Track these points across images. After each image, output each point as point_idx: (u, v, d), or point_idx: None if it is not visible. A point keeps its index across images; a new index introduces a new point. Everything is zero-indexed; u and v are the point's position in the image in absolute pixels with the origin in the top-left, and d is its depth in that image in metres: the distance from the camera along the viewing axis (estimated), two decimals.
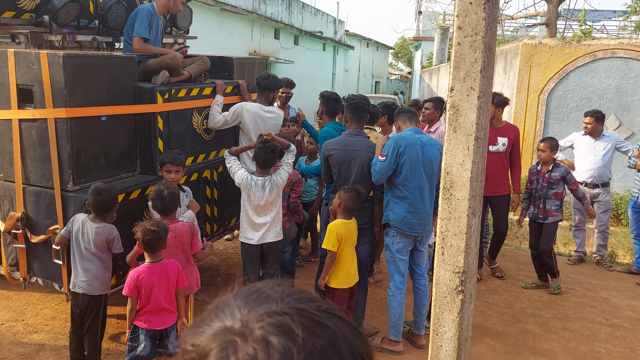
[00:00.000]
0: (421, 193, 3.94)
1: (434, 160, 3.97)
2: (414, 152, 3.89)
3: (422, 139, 3.99)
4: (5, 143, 3.74)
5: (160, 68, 4.26)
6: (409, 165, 3.89)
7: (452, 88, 1.82)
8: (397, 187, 3.96)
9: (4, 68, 3.59)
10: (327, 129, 4.89)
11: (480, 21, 1.70)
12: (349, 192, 3.86)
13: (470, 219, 1.86)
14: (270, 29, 18.24)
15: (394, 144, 3.89)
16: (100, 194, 3.39)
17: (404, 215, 3.94)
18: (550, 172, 5.20)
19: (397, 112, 4.33)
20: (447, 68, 14.95)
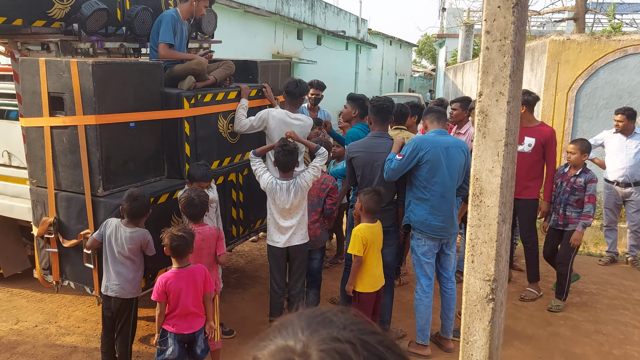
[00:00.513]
0: (443, 195, 3.89)
1: (458, 162, 3.92)
2: (436, 154, 3.85)
3: (447, 141, 3.94)
4: (37, 150, 3.83)
5: (186, 73, 4.31)
6: (430, 167, 3.85)
7: (481, 93, 1.79)
8: (418, 188, 3.94)
9: (35, 77, 3.68)
10: (354, 129, 4.89)
11: (509, 25, 1.67)
12: (369, 194, 3.84)
13: (501, 226, 1.83)
14: (293, 29, 18.28)
15: (414, 145, 3.87)
16: (135, 199, 3.45)
17: (426, 217, 3.91)
18: (576, 176, 4.80)
19: (426, 111, 4.30)
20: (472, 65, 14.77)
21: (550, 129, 5.07)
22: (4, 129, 4.53)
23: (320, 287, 4.59)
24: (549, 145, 4.96)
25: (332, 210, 4.40)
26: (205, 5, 4.75)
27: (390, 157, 3.92)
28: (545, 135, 4.97)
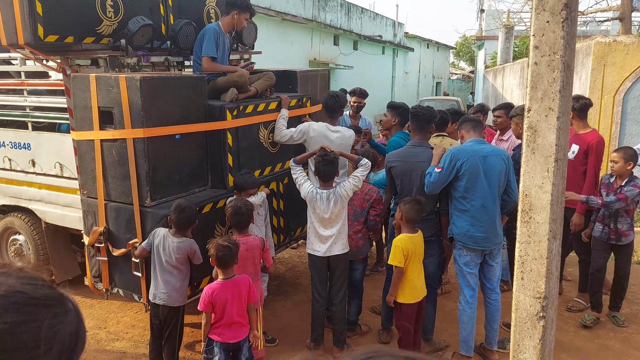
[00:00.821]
0: (484, 205, 3.83)
1: (497, 171, 3.84)
2: (474, 164, 3.80)
3: (484, 150, 3.88)
4: (88, 162, 3.98)
5: (229, 86, 4.40)
6: (468, 178, 3.81)
7: (530, 109, 1.77)
8: (458, 200, 3.90)
9: (86, 92, 3.83)
10: (395, 138, 4.87)
11: (559, 40, 1.65)
12: (409, 203, 3.82)
13: (551, 243, 1.80)
14: (329, 35, 18.36)
15: (451, 156, 3.83)
16: (183, 211, 3.55)
17: (467, 228, 3.86)
18: (622, 186, 4.47)
19: (461, 121, 4.26)
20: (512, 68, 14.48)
21: (595, 136, 4.78)
22: (56, 141, 4.72)
23: (362, 297, 4.59)
24: (591, 154, 4.70)
25: (375, 221, 4.38)
26: (246, 17, 4.84)
27: (430, 171, 3.90)
28: (591, 141, 4.72)
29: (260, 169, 4.73)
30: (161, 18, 4.76)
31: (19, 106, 4.90)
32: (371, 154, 4.57)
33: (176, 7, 4.92)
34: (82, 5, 4.08)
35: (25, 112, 4.87)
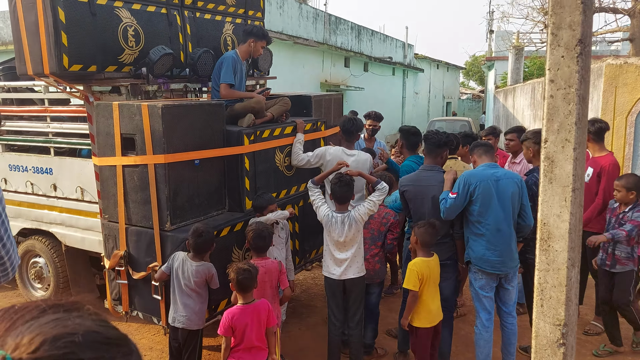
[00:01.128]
0: (498, 229, 3.85)
1: (511, 194, 3.87)
2: (486, 188, 3.84)
3: (497, 174, 3.91)
4: (110, 187, 4.08)
5: (246, 112, 4.51)
6: (482, 202, 3.85)
7: (546, 140, 1.83)
8: (473, 224, 3.93)
9: (109, 119, 3.95)
10: (407, 162, 4.93)
11: (574, 74, 1.71)
12: (423, 227, 3.86)
13: (570, 271, 1.84)
14: (340, 58, 18.59)
15: (465, 181, 3.88)
16: (200, 235, 3.61)
17: (483, 252, 3.89)
18: (625, 212, 4.40)
19: (473, 146, 4.31)
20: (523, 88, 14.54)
21: (610, 160, 4.79)
22: (78, 166, 4.85)
23: (378, 321, 4.61)
24: (603, 177, 4.71)
25: (393, 245, 4.42)
26: (262, 45, 4.97)
27: (444, 196, 3.94)
28: (605, 164, 4.74)
29: (276, 192, 4.80)
30: (180, 46, 4.91)
31: (42, 132, 5.05)
32: (387, 177, 4.62)
33: (194, 35, 5.07)
34: (105, 36, 4.23)
35: (48, 138, 5.01)
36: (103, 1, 4.20)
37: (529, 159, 4.66)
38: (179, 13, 4.89)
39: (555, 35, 1.74)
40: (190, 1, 5.00)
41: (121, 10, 4.33)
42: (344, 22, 18.70)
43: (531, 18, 13.50)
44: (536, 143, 4.23)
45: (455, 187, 3.90)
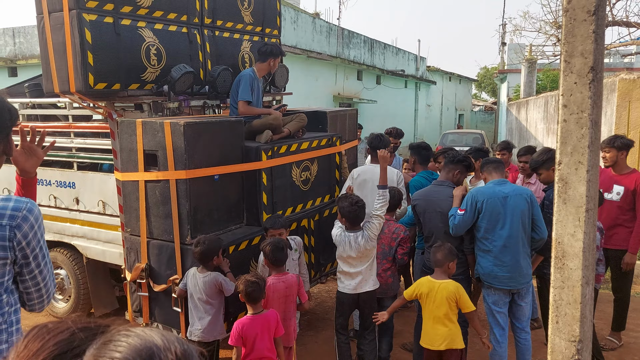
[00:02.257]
0: (505, 245, 3.88)
1: (519, 211, 3.88)
2: (493, 205, 3.89)
3: (504, 191, 3.95)
4: (132, 201, 4.20)
5: (264, 128, 4.62)
6: (488, 219, 3.89)
7: (560, 162, 1.90)
8: (481, 240, 3.99)
9: (132, 136, 4.08)
10: (417, 178, 5.03)
11: (586, 100, 1.79)
12: (434, 248, 3.86)
13: (584, 288, 1.90)
14: (353, 71, 18.74)
15: (472, 198, 3.94)
16: (201, 244, 3.71)
17: (491, 268, 3.93)
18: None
19: (483, 163, 4.37)
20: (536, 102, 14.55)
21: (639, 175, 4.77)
22: (100, 180, 4.98)
23: (392, 335, 4.65)
24: (639, 194, 4.69)
25: (404, 260, 4.47)
26: (279, 61, 5.12)
27: (453, 213, 4.00)
28: (635, 182, 4.71)
29: (292, 206, 4.90)
30: (200, 64, 5.05)
31: (66, 147, 5.19)
32: (396, 193, 4.67)
33: (214, 53, 5.22)
34: (128, 55, 4.38)
35: (71, 153, 5.15)
36: (127, 22, 4.36)
37: (542, 182, 4.67)
38: (199, 32, 5.04)
39: (568, 63, 1.82)
40: (209, 20, 5.15)
41: (144, 30, 4.49)
42: (357, 36, 18.88)
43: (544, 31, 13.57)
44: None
45: (464, 204, 3.96)
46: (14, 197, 1.72)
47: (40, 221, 1.74)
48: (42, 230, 1.76)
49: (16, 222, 1.65)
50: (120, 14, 4.30)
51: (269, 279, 3.73)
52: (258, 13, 5.75)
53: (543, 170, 4.42)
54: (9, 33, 14.70)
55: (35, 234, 1.71)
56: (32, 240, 1.70)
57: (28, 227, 1.68)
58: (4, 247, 1.65)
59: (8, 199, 1.69)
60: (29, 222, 1.68)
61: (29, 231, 1.68)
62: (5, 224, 1.64)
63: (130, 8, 4.36)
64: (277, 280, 3.72)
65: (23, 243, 1.67)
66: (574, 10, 1.76)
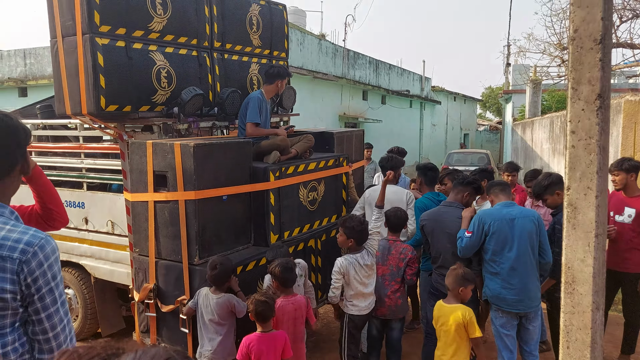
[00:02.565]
0: (514, 268, 3.87)
1: (527, 233, 3.88)
2: (501, 227, 3.89)
3: (512, 213, 3.96)
4: (141, 222, 4.23)
5: (272, 149, 4.67)
6: (496, 241, 3.90)
7: (569, 187, 1.92)
8: (488, 262, 3.99)
9: (143, 157, 4.13)
10: (422, 199, 5.05)
11: (594, 126, 1.82)
12: (449, 270, 3.84)
13: (595, 314, 1.91)
14: (358, 91, 18.88)
15: (479, 220, 3.95)
16: (215, 267, 3.73)
17: (499, 291, 3.92)
18: None
19: (489, 185, 4.39)
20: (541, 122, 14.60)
21: None
22: (109, 200, 5.02)
23: (400, 356, 4.62)
24: None
25: (413, 280, 4.47)
26: (287, 82, 5.21)
27: (460, 235, 4.01)
28: None
29: (299, 226, 4.92)
30: (209, 86, 5.13)
31: (76, 168, 5.25)
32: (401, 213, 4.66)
33: (223, 76, 5.30)
34: (140, 77, 4.46)
35: (81, 173, 5.21)
36: (139, 45, 4.44)
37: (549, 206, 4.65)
38: (208, 55, 5.13)
39: (575, 90, 1.85)
40: (219, 44, 5.25)
41: (155, 54, 4.57)
42: (362, 57, 19.06)
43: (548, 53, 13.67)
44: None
45: (471, 226, 3.98)
46: (31, 231, 1.65)
47: (52, 260, 1.65)
48: (53, 270, 1.66)
49: (26, 257, 1.59)
50: (132, 38, 4.38)
51: (278, 301, 3.73)
52: (266, 36, 5.85)
53: (547, 195, 4.42)
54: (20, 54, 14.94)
55: (44, 273, 1.62)
56: (40, 279, 1.61)
57: (36, 264, 1.60)
58: (13, 280, 1.59)
59: (25, 232, 1.64)
60: (37, 258, 1.61)
61: (36, 268, 1.60)
62: (16, 257, 1.58)
63: (142, 32, 4.45)
64: (286, 302, 3.72)
65: (29, 280, 1.59)
66: (581, 39, 1.80)
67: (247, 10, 5.58)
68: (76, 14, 4.11)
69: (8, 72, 15.04)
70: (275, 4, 6.04)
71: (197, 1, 4.93)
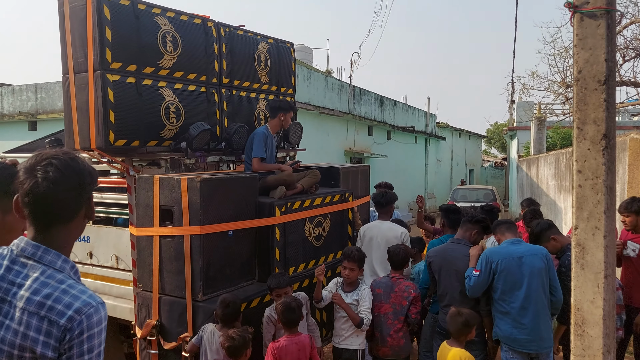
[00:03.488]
0: (524, 307, 3.80)
1: (536, 271, 3.83)
2: (509, 266, 3.85)
3: (519, 250, 3.92)
4: (146, 256, 4.22)
5: (278, 184, 4.68)
6: (504, 279, 3.84)
7: (577, 227, 1.91)
8: (498, 302, 3.92)
9: (149, 191, 4.14)
10: (435, 241, 5.05)
11: (600, 166, 1.82)
12: (450, 315, 3.79)
13: (606, 357, 1.86)
14: (364, 126, 19.04)
15: (487, 259, 3.91)
16: (227, 306, 3.68)
17: (510, 331, 3.84)
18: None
19: (495, 224, 4.36)
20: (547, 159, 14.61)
21: None
22: (115, 235, 5.02)
23: None
24: None
25: (417, 319, 4.38)
26: (291, 116, 5.26)
27: (469, 274, 3.97)
28: None
29: (304, 262, 4.88)
30: (217, 121, 5.19)
31: None
32: (402, 250, 4.62)
33: (230, 111, 5.37)
34: (149, 113, 4.52)
35: None
36: (149, 82, 4.52)
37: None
38: (216, 91, 5.21)
39: (580, 130, 1.87)
40: (227, 80, 5.33)
41: (164, 90, 4.64)
42: (368, 93, 19.29)
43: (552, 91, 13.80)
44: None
45: (479, 265, 3.93)
46: (84, 296, 1.55)
47: (94, 331, 1.54)
48: (92, 343, 1.54)
49: (71, 324, 1.50)
50: (142, 75, 4.47)
51: (281, 340, 3.68)
52: (274, 73, 5.95)
53: (544, 244, 4.36)
54: (31, 89, 15.21)
55: (82, 343, 1.51)
56: (75, 348, 1.50)
57: (77, 333, 1.50)
58: (55, 348, 1.50)
59: (78, 296, 1.54)
60: (81, 327, 1.51)
61: (76, 337, 1.50)
62: (62, 324, 1.49)
63: (152, 69, 4.54)
64: (289, 342, 3.66)
65: (66, 346, 1.50)
66: (585, 80, 1.82)
67: (256, 48, 5.70)
68: (89, 51, 4.20)
69: (19, 106, 15.30)
70: (283, 42, 6.16)
71: (206, 39, 5.03)
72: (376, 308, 4.38)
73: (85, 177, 1.63)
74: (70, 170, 1.59)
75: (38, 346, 1.49)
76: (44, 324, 1.50)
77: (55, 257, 1.58)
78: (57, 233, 1.61)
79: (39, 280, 1.54)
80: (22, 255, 1.58)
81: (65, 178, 1.57)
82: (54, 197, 1.56)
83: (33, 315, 1.50)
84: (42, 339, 1.49)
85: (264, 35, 5.88)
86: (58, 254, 1.59)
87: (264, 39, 5.83)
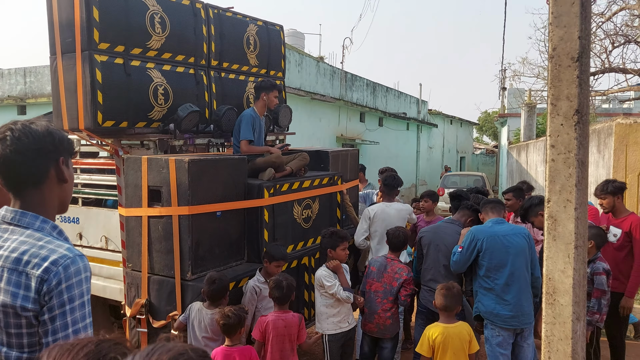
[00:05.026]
0: (507, 284, 3.91)
1: (520, 249, 3.94)
2: (493, 243, 3.95)
3: (503, 229, 4.03)
4: (135, 237, 4.25)
5: (267, 166, 4.72)
6: (489, 257, 3.94)
7: (549, 200, 1.98)
8: (483, 278, 4.02)
9: (138, 172, 4.17)
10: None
11: (572, 140, 1.88)
12: (440, 290, 3.83)
13: (575, 324, 1.94)
14: (356, 113, 19.05)
15: (471, 236, 4.02)
16: (213, 282, 3.73)
17: (493, 306, 3.94)
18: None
19: (482, 203, 4.48)
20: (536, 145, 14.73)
21: (635, 218, 4.75)
22: (104, 216, 5.05)
23: None
24: (634, 236, 4.66)
25: (407, 302, 4.42)
26: (275, 95, 5.21)
27: (454, 250, 4.10)
28: (630, 225, 4.70)
29: (293, 244, 4.94)
30: (206, 104, 5.20)
31: None
32: (402, 232, 4.67)
33: (219, 94, 5.38)
34: (137, 94, 4.52)
35: (77, 189, 5.24)
36: (137, 63, 4.52)
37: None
38: (205, 73, 5.21)
39: (554, 106, 1.92)
40: (216, 62, 5.34)
41: (153, 71, 4.65)
42: (360, 79, 19.28)
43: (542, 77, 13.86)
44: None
45: (463, 242, 4.04)
46: (62, 249, 1.56)
47: (73, 281, 1.55)
48: (72, 293, 1.55)
49: (48, 275, 1.52)
50: (130, 56, 4.47)
51: (270, 315, 3.74)
52: (263, 56, 5.95)
53: (532, 217, 4.46)
54: (20, 73, 15.07)
55: (61, 293, 1.53)
56: (54, 299, 1.52)
57: (55, 283, 1.52)
58: (35, 300, 1.52)
59: (55, 249, 1.56)
60: (58, 277, 1.53)
61: (54, 288, 1.52)
62: (38, 275, 1.52)
63: (140, 50, 4.54)
64: (277, 318, 3.72)
65: (46, 298, 1.52)
66: (559, 57, 1.87)
67: (245, 30, 5.69)
68: (76, 31, 4.19)
69: (8, 90, 15.16)
70: (272, 24, 6.16)
71: (195, 20, 5.03)
72: (368, 284, 4.47)
73: (45, 140, 1.65)
74: (28, 134, 1.62)
75: (18, 300, 1.53)
76: (22, 278, 1.54)
77: (32, 219, 1.62)
78: (30, 197, 1.65)
79: (18, 240, 1.59)
80: (3, 222, 1.63)
81: (22, 142, 1.60)
82: (13, 161, 1.59)
83: (12, 272, 1.55)
84: (21, 292, 1.54)
85: (253, 18, 5.87)
86: (36, 216, 1.63)
87: (253, 21, 5.83)
